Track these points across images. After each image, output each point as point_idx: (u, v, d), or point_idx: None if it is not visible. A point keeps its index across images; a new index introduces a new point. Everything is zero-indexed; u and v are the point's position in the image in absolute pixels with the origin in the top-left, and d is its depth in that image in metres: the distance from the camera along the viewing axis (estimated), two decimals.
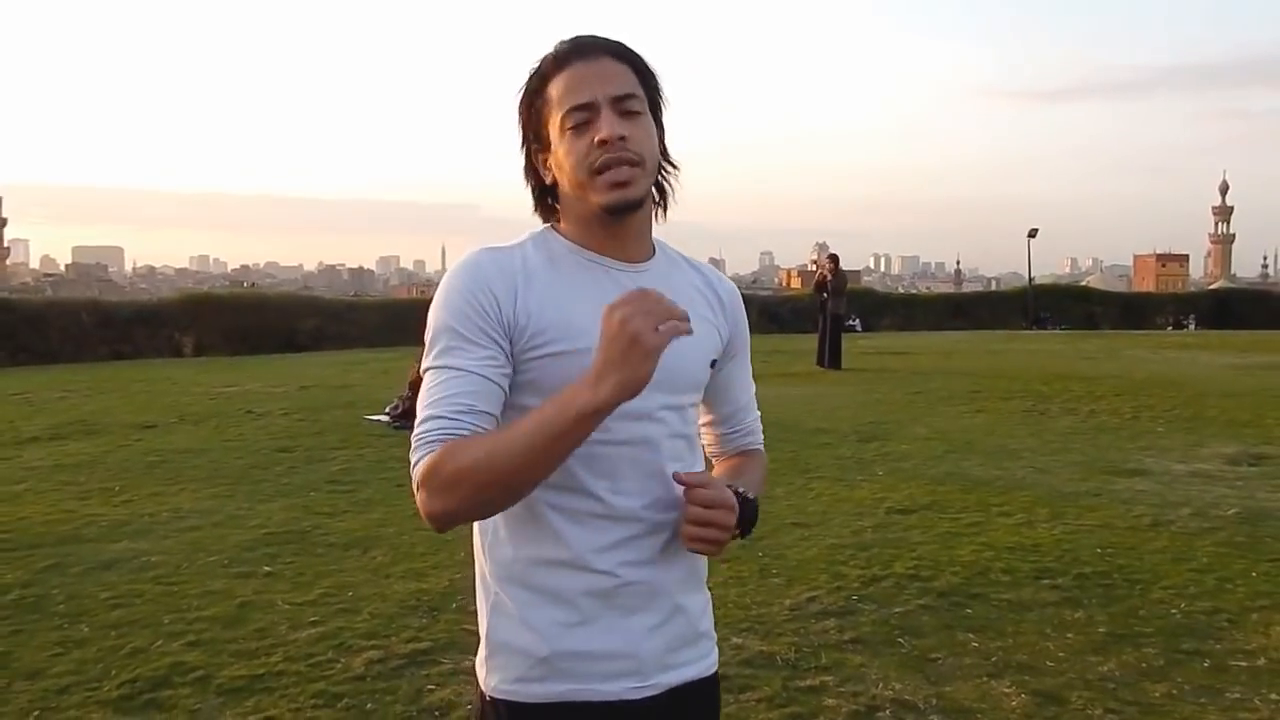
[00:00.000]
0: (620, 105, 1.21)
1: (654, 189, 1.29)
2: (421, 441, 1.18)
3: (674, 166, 1.31)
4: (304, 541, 4.95)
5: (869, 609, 3.90)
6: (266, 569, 4.49)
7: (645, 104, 1.24)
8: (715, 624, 1.37)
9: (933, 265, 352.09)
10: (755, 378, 1.52)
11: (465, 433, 1.17)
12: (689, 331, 1.11)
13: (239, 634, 3.68)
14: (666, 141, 1.29)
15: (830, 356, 14.04)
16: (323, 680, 3.26)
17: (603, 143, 1.20)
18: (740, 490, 1.25)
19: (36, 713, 3.06)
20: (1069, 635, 3.62)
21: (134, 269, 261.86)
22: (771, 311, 27.82)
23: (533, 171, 1.29)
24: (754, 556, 4.62)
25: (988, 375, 12.82)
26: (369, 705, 3.09)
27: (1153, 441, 7.81)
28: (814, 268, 22.63)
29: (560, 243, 1.28)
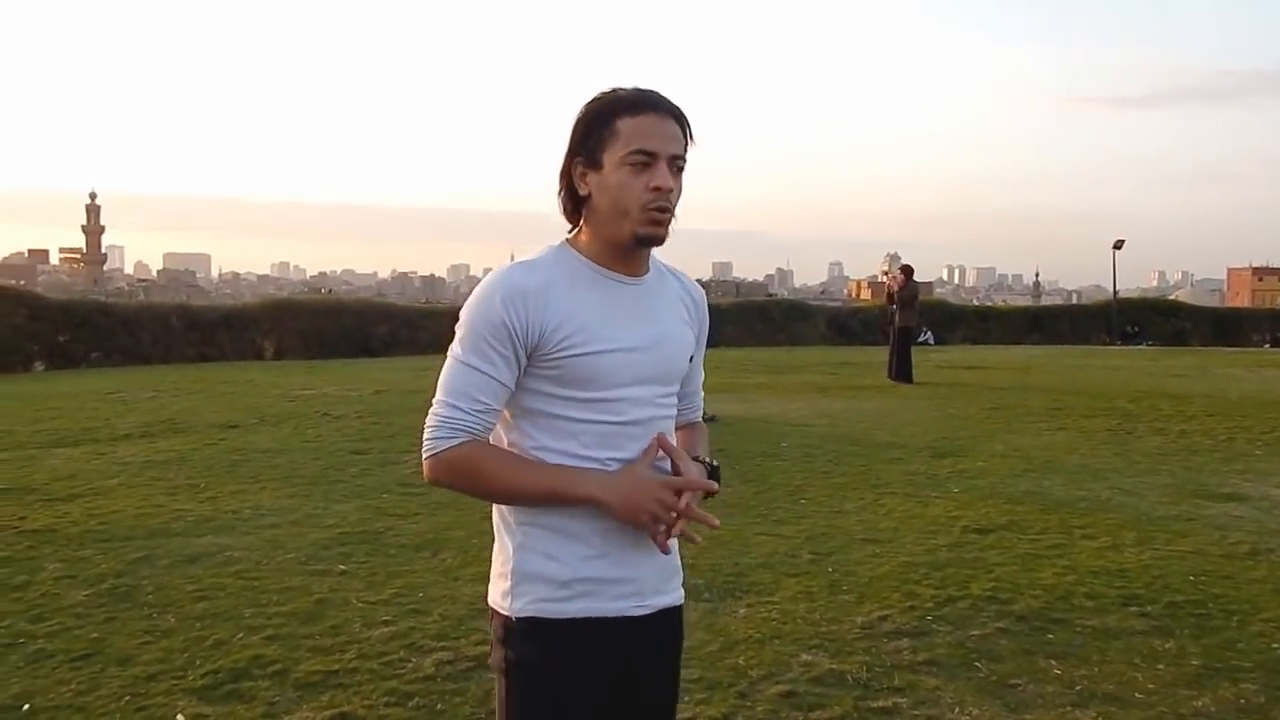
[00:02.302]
0: (674, 163, 1.50)
1: None
2: (446, 424, 1.49)
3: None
4: (377, 542, 5.04)
5: (944, 630, 3.80)
6: (341, 568, 4.59)
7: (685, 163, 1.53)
8: (782, 639, 1.52)
9: (1009, 277, 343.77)
10: (823, 390, 1.64)
11: (480, 429, 1.49)
12: (676, 537, 1.55)
13: (315, 630, 3.76)
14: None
15: (900, 370, 13.77)
16: (395, 679, 3.31)
17: (657, 189, 1.47)
18: (705, 460, 1.63)
19: (127, 698, 3.17)
20: (1159, 666, 3.47)
21: (220, 275, 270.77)
22: (840, 323, 27.48)
23: (568, 181, 1.54)
24: (823, 572, 4.55)
25: (1069, 392, 12.43)
26: (439, 705, 3.13)
27: (1250, 465, 7.46)
28: (884, 279, 22.30)
29: (576, 259, 1.54)
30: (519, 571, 1.53)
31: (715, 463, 1.66)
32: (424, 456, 1.51)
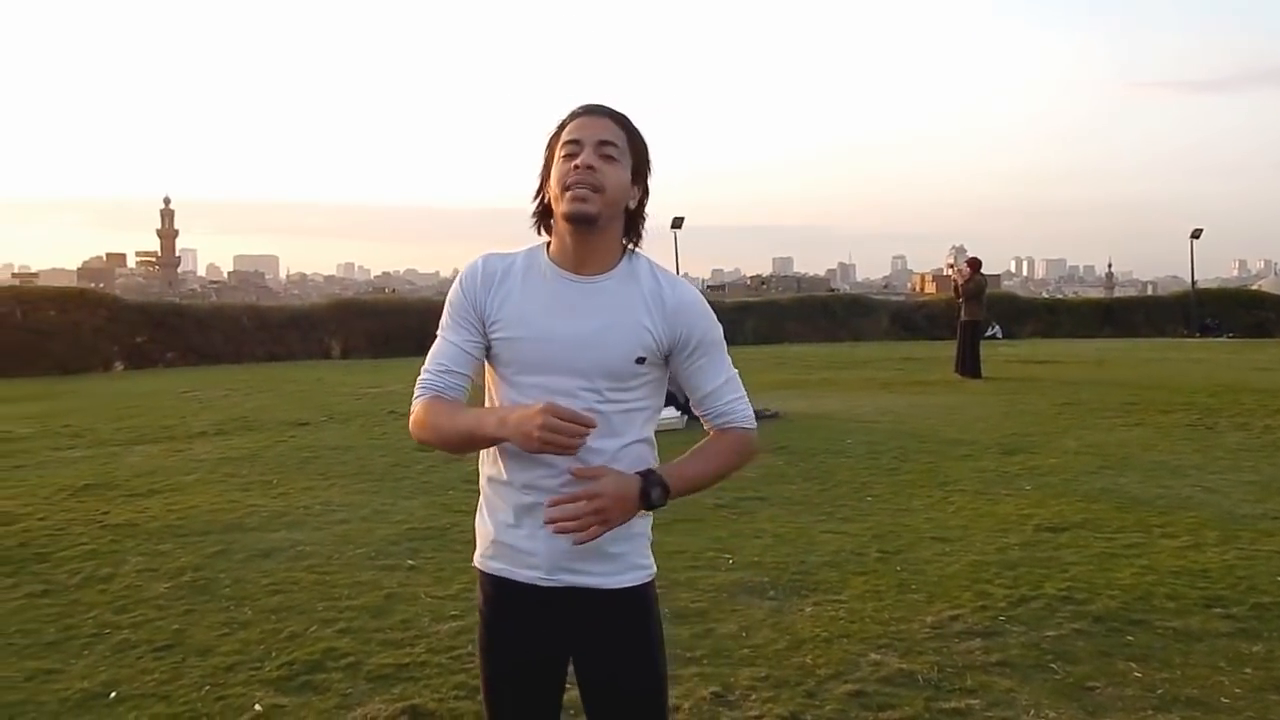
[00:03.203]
0: (601, 148, 1.65)
1: (628, 231, 1.72)
2: (418, 386, 1.72)
3: (643, 218, 1.74)
4: (443, 538, 5.10)
5: (1017, 631, 3.71)
6: (410, 563, 4.66)
7: (625, 156, 1.67)
8: (850, 638, 1.50)
9: (1081, 268, 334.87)
10: (887, 385, 1.58)
11: (440, 386, 1.70)
12: (570, 450, 1.57)
13: (385, 624, 3.83)
14: (646, 202, 1.73)
15: (967, 365, 13.47)
16: (463, 673, 3.34)
17: (575, 167, 1.64)
18: (650, 471, 1.67)
19: (207, 687, 3.26)
20: (1246, 670, 3.34)
21: (288, 276, 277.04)
22: (905, 318, 27.04)
23: (539, 197, 1.73)
24: (891, 570, 4.48)
25: (1145, 386, 12.05)
26: None
27: None
28: (949, 272, 21.86)
29: (542, 258, 1.72)
30: (475, 528, 1.80)
31: (665, 481, 1.66)
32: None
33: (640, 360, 1.68)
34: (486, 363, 1.74)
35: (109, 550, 4.90)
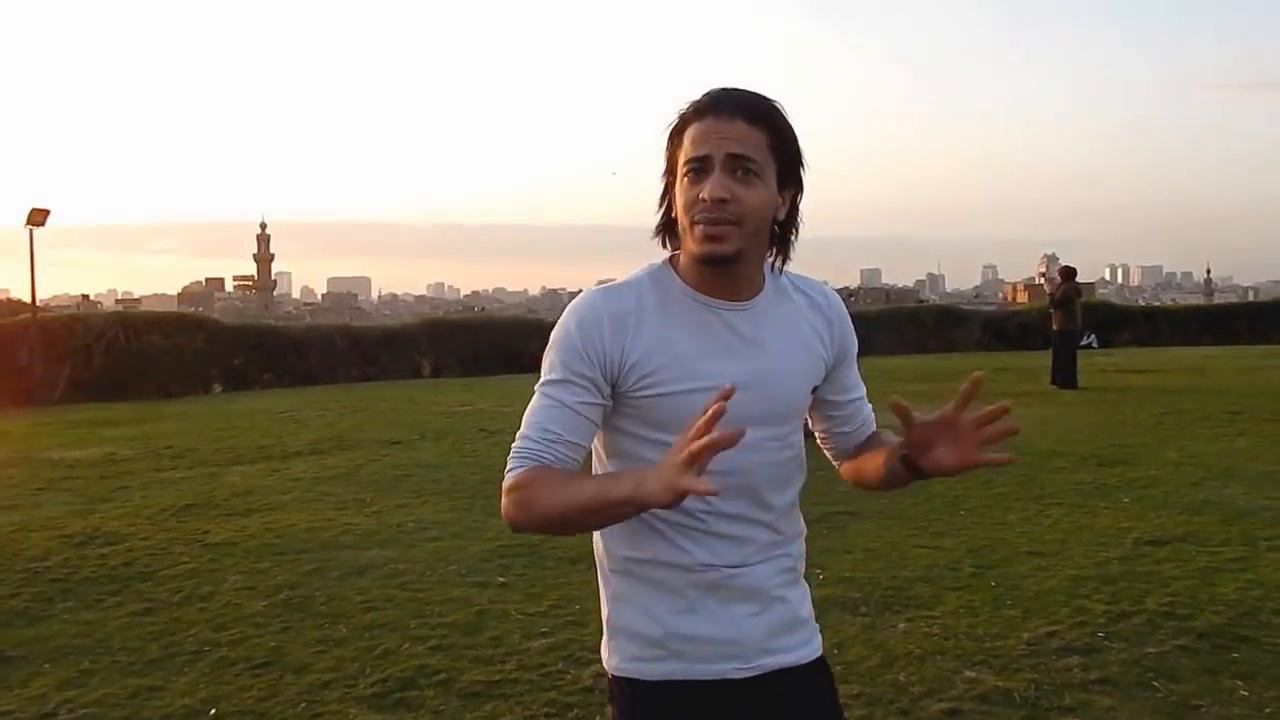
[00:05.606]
0: (733, 164, 1.30)
1: (777, 242, 1.39)
2: (515, 455, 1.35)
3: (795, 228, 1.39)
4: (534, 555, 5.17)
5: (1117, 647, 3.59)
6: (501, 580, 4.73)
7: (767, 166, 1.32)
8: (944, 655, 1.43)
9: (1178, 275, 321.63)
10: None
11: (549, 458, 1.33)
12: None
13: (477, 641, 3.90)
14: (799, 203, 1.38)
15: (1061, 375, 13.10)
16: (554, 690, 3.39)
17: (702, 200, 1.30)
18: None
19: (303, 705, 3.36)
20: None
21: (379, 296, 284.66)
22: (997, 328, 26.37)
23: (665, 202, 1.39)
24: (986, 586, 4.38)
25: (1249, 394, 11.50)
26: (596, 718, 3.18)
27: None
28: (1040, 280, 21.28)
29: (674, 282, 1.38)
30: (613, 625, 1.44)
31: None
32: (502, 494, 1.36)
33: (815, 389, 1.47)
34: (606, 428, 1.40)
35: (209, 569, 5.08)
